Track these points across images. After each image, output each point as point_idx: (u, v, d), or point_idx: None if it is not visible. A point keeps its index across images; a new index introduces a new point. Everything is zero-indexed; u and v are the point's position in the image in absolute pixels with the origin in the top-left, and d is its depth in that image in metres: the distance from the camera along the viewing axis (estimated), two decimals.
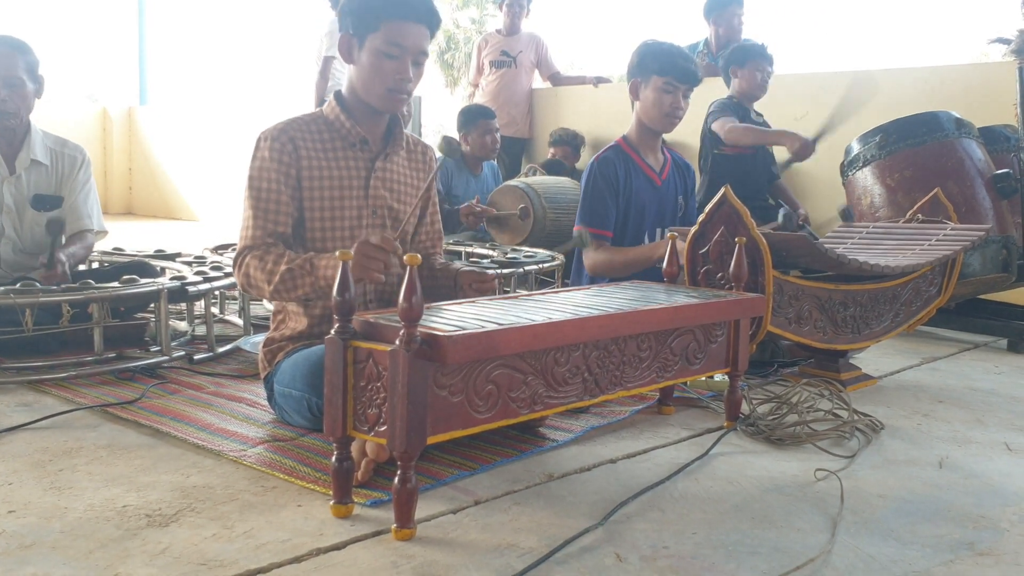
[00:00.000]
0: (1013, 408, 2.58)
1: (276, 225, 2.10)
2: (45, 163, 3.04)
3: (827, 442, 2.14)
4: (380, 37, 2.07)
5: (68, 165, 3.10)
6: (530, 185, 4.63)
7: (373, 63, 2.09)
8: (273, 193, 2.10)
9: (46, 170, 3.05)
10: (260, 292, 2.09)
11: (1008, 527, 1.70)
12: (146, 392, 2.43)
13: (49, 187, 3.06)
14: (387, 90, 2.11)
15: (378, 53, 2.08)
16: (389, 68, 2.09)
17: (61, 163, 3.09)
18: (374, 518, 1.63)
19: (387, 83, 2.11)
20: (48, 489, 1.74)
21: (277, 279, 2.01)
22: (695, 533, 1.62)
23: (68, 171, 3.10)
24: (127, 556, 1.45)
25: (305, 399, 2.03)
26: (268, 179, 2.10)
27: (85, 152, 3.18)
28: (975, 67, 4.92)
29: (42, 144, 3.05)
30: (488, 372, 1.62)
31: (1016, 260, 3.44)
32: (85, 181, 3.14)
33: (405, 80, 2.11)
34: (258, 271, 2.05)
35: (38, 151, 3.02)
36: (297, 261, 2.01)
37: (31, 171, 3.02)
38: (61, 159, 3.09)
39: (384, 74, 2.10)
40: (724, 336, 2.19)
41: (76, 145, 3.17)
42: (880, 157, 3.56)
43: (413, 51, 2.10)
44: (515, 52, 6.15)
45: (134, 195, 10.25)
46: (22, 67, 2.91)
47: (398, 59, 2.09)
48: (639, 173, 3.14)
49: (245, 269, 2.08)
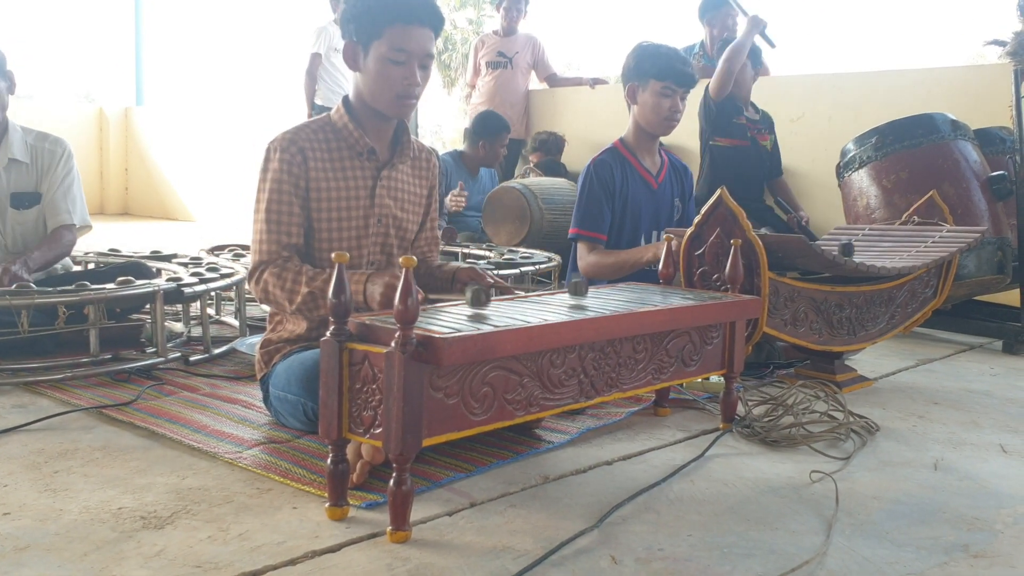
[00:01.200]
0: (1008, 410, 2.59)
1: (289, 237, 2.09)
2: (25, 161, 2.99)
3: (822, 444, 2.14)
4: (385, 43, 2.05)
5: (48, 159, 3.03)
6: (527, 186, 4.64)
7: (380, 70, 2.07)
8: (285, 205, 2.09)
9: (26, 168, 3.00)
10: (280, 308, 2.10)
11: (1003, 529, 1.70)
12: (142, 394, 2.43)
13: (29, 184, 3.00)
14: (396, 96, 2.10)
15: (384, 60, 2.06)
16: (396, 74, 2.07)
17: (41, 158, 3.03)
18: (369, 520, 1.63)
19: (395, 89, 2.09)
20: (43, 491, 1.73)
21: (300, 300, 2.02)
22: (690, 535, 1.62)
23: (47, 165, 3.03)
24: (122, 558, 1.45)
25: (300, 403, 2.03)
26: (280, 191, 2.09)
27: (66, 145, 3.11)
28: (971, 69, 4.94)
29: (21, 141, 3.00)
30: (484, 374, 1.62)
31: (1011, 262, 3.45)
32: (65, 174, 3.06)
33: (413, 85, 2.09)
34: (277, 289, 2.05)
35: (16, 149, 2.97)
36: (317, 283, 2.00)
37: (10, 170, 2.97)
38: (41, 154, 3.03)
39: (392, 81, 2.08)
40: (720, 338, 2.19)
41: (57, 138, 3.10)
42: (876, 159, 3.57)
43: (419, 55, 2.08)
44: (511, 53, 6.15)
45: (130, 196, 10.24)
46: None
47: (404, 64, 2.07)
48: (635, 176, 3.14)
49: (263, 285, 2.07)
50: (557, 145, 5.73)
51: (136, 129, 10.16)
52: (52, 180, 3.04)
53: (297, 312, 2.06)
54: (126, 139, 10.24)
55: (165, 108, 10.37)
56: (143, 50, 10.76)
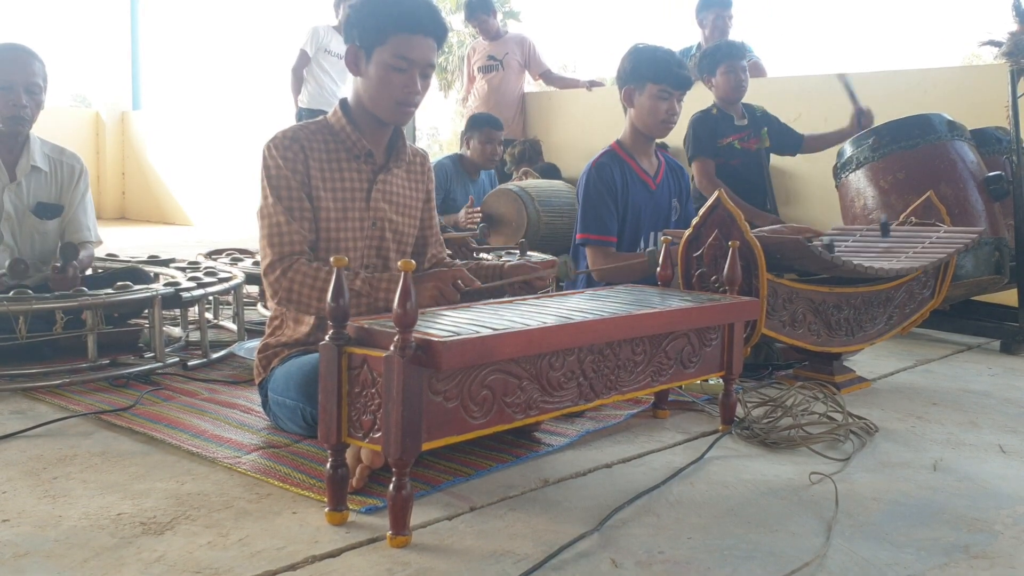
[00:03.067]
0: (1007, 410, 2.59)
1: (303, 232, 2.06)
2: (45, 169, 3.04)
3: (821, 445, 2.14)
4: (388, 51, 2.05)
5: (67, 174, 3.10)
6: (524, 188, 4.63)
7: (381, 76, 2.08)
8: (295, 201, 2.07)
9: (45, 177, 3.04)
10: (301, 308, 2.04)
11: (1002, 529, 1.70)
12: (140, 399, 2.42)
13: (50, 195, 3.05)
14: (395, 103, 2.10)
15: (386, 67, 2.06)
16: (397, 81, 2.07)
17: (60, 171, 3.08)
18: (369, 525, 1.63)
19: (395, 96, 2.09)
20: (42, 497, 1.73)
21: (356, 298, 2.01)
22: (690, 538, 1.62)
23: (67, 180, 3.09)
24: (122, 565, 1.45)
25: (299, 408, 2.03)
26: (288, 185, 2.07)
27: (82, 161, 3.18)
28: (967, 70, 4.95)
29: (40, 151, 3.04)
30: (483, 377, 1.62)
31: (1008, 262, 3.46)
32: (84, 192, 3.14)
33: (413, 93, 2.10)
34: (305, 287, 2.01)
35: (37, 158, 3.01)
36: (357, 283, 2.01)
37: (31, 178, 3.01)
38: (60, 167, 3.09)
39: (392, 87, 2.08)
40: (719, 340, 2.19)
41: (73, 153, 3.17)
42: (873, 159, 3.58)
43: (421, 64, 2.08)
44: (501, 55, 6.14)
45: (127, 200, 10.23)
46: (40, 74, 2.91)
47: (406, 72, 2.07)
48: (634, 177, 3.15)
49: (288, 283, 2.02)
50: (534, 149, 5.71)
51: (133, 133, 10.16)
52: (73, 197, 3.10)
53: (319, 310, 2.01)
54: (123, 143, 10.23)
55: (162, 112, 10.35)
56: (140, 54, 10.75)
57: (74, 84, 24.54)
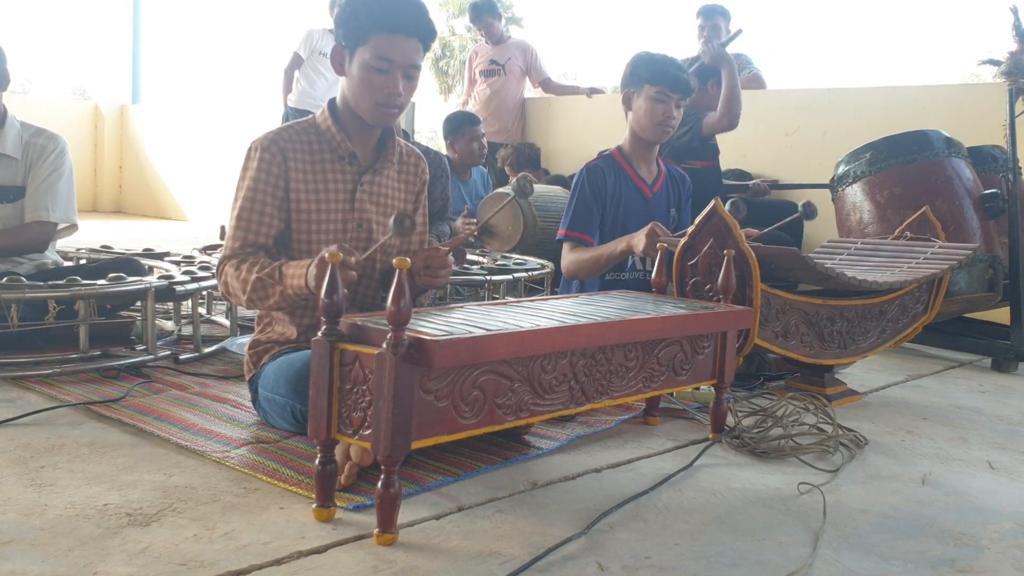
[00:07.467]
0: (996, 427, 2.59)
1: (257, 236, 2.09)
2: (16, 157, 2.95)
3: (811, 456, 2.14)
4: (369, 51, 2.04)
5: (37, 154, 2.98)
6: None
7: (362, 76, 2.07)
8: (258, 204, 2.09)
9: (16, 163, 2.96)
10: (238, 301, 2.09)
11: (989, 544, 1.70)
12: (130, 391, 2.42)
13: (15, 179, 2.96)
14: (375, 104, 2.09)
15: (367, 67, 2.05)
16: (378, 82, 2.06)
17: (31, 152, 2.98)
18: (356, 522, 1.63)
19: (376, 97, 2.08)
20: (29, 486, 1.72)
21: (250, 288, 2.00)
22: (677, 544, 1.62)
23: (35, 160, 2.98)
24: (107, 555, 1.44)
25: (289, 405, 2.02)
26: (255, 190, 2.09)
27: (60, 141, 3.05)
28: (966, 87, 4.97)
29: (17, 137, 2.97)
30: (475, 378, 1.62)
31: (1002, 279, 3.47)
32: (52, 170, 2.99)
33: (394, 95, 2.08)
34: (234, 280, 2.04)
35: (9, 145, 2.94)
36: (267, 270, 1.99)
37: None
38: (32, 149, 2.99)
39: (373, 88, 2.07)
40: (711, 348, 2.20)
41: (52, 134, 3.05)
42: (870, 173, 3.59)
43: (403, 65, 2.06)
44: (503, 60, 6.16)
45: (124, 193, 10.21)
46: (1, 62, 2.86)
47: (387, 73, 2.05)
48: (629, 184, 3.15)
49: (224, 278, 2.08)
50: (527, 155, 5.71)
51: (131, 127, 10.15)
52: (36, 175, 2.98)
53: (251, 304, 2.04)
54: (121, 136, 10.22)
55: (161, 106, 10.35)
56: (140, 47, 10.75)
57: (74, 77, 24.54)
